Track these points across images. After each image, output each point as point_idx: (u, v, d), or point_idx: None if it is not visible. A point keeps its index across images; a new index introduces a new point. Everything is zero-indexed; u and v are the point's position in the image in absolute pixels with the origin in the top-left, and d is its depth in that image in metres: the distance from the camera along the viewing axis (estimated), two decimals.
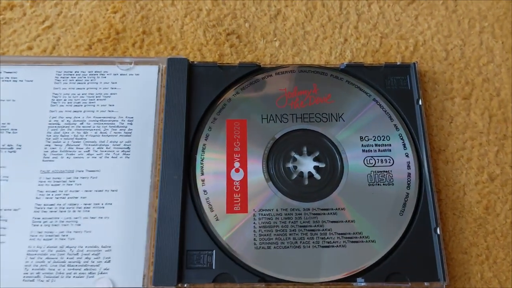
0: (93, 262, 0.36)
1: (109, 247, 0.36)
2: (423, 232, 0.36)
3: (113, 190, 0.37)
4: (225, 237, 0.36)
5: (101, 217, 0.37)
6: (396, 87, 0.41)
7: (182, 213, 0.36)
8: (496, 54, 0.45)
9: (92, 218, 0.37)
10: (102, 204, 0.37)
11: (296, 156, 0.39)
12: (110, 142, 0.39)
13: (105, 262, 0.36)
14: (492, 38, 0.45)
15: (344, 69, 0.42)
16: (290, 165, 0.39)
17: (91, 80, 0.41)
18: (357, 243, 0.36)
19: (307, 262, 0.35)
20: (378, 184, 0.38)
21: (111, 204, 0.37)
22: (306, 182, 0.38)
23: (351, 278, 0.35)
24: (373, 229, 0.36)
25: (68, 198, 0.37)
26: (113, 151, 0.39)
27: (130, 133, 0.39)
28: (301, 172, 0.39)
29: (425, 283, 0.35)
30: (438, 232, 0.36)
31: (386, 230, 0.36)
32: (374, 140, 0.39)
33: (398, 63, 0.42)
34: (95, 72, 0.41)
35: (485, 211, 0.39)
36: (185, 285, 0.35)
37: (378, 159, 0.39)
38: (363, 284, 0.35)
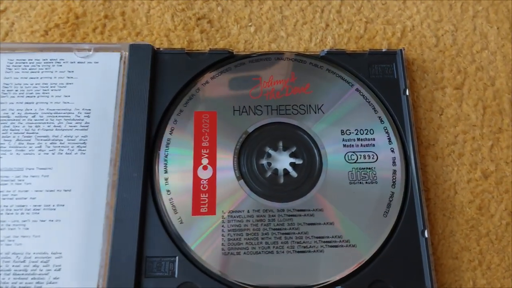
0: (42, 270, 0.32)
1: (60, 253, 0.32)
2: (410, 235, 0.33)
3: (66, 190, 0.34)
4: (189, 242, 0.32)
5: (52, 220, 0.33)
6: (381, 75, 0.38)
7: (141, 215, 0.32)
8: (490, 40, 0.41)
9: (42, 221, 0.33)
10: (54, 205, 0.33)
11: (271, 151, 0.36)
12: (65, 136, 0.35)
13: (55, 270, 0.32)
14: (487, 23, 0.42)
15: (325, 57, 0.38)
16: (264, 161, 0.35)
17: (46, 69, 0.37)
18: (336, 247, 0.33)
19: (281, 269, 0.32)
20: (360, 183, 0.34)
21: (63, 205, 0.33)
22: (282, 180, 0.35)
23: (330, 287, 0.32)
24: (354, 232, 0.33)
25: (16, 199, 0.33)
26: (68, 147, 0.35)
27: (86, 127, 0.36)
28: (276, 169, 0.35)
29: None
30: (426, 235, 0.33)
31: (369, 233, 0.33)
32: (356, 134, 0.36)
33: (383, 50, 0.39)
34: (50, 60, 0.38)
35: (478, 212, 0.35)
36: None
37: (361, 155, 0.35)
38: None
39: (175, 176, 0.34)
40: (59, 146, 0.35)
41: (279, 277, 0.32)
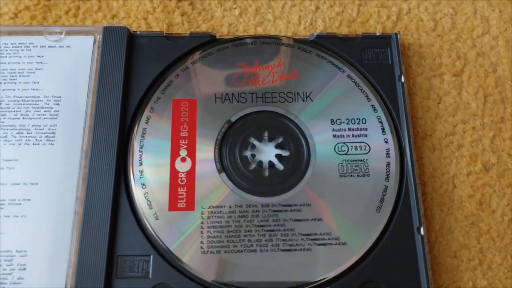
0: (5, 269, 0.29)
1: (25, 251, 0.30)
2: (404, 232, 0.31)
3: (32, 183, 0.31)
4: (165, 240, 0.30)
5: (17, 216, 0.31)
6: (375, 61, 0.35)
7: (113, 210, 0.30)
8: (492, 24, 0.38)
9: (5, 216, 0.31)
10: (19, 200, 0.31)
11: (255, 142, 0.33)
12: (32, 126, 0.33)
13: (19, 269, 0.30)
14: (488, 6, 0.39)
15: (315, 41, 0.36)
16: (247, 153, 0.33)
17: (14, 53, 0.35)
18: (324, 245, 0.30)
19: (265, 268, 0.30)
20: (351, 175, 0.32)
21: (29, 200, 0.31)
22: (267, 173, 0.32)
23: None
24: (344, 229, 0.30)
25: None
26: (35, 137, 0.32)
27: (56, 115, 0.33)
28: (261, 162, 0.33)
29: None
30: (422, 232, 0.30)
31: (360, 230, 0.31)
32: (347, 124, 0.33)
33: (377, 34, 0.36)
34: (19, 44, 0.35)
35: (479, 207, 0.33)
36: None
37: (352, 146, 0.33)
38: None
39: (151, 169, 0.31)
40: (26, 136, 0.32)
41: (263, 277, 0.29)
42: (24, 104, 0.33)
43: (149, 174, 0.31)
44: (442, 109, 0.36)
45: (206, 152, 0.32)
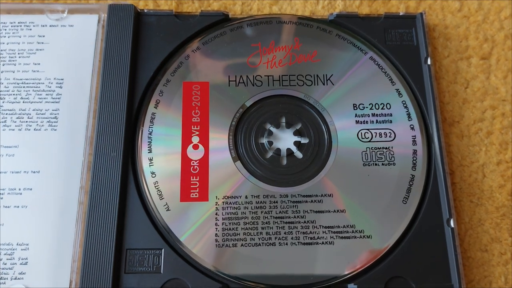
0: (5, 264, 0.28)
1: (27, 244, 0.28)
2: (433, 224, 0.29)
3: (34, 172, 0.29)
4: (177, 233, 0.28)
5: (18, 206, 0.29)
6: (399, 42, 0.33)
7: (120, 201, 0.28)
8: None
9: (6, 207, 0.29)
10: (20, 189, 0.29)
11: (272, 129, 0.31)
12: (33, 110, 0.31)
13: (20, 264, 0.28)
14: None
15: (334, 21, 0.34)
16: (264, 140, 0.31)
17: (13, 33, 0.33)
18: (348, 239, 0.28)
19: (284, 263, 0.28)
20: (376, 164, 0.30)
21: (31, 189, 0.29)
22: (285, 162, 0.30)
23: (341, 284, 0.28)
24: (369, 222, 0.28)
25: None
26: (36, 122, 0.30)
27: (58, 99, 0.31)
28: (278, 149, 0.30)
29: None
30: (452, 224, 0.28)
31: (386, 223, 0.29)
32: (370, 109, 0.31)
33: (401, 13, 0.34)
34: (19, 23, 0.33)
35: (510, 198, 0.31)
36: None
37: (376, 132, 0.30)
38: None
39: (161, 156, 0.29)
40: (26, 121, 0.30)
41: (282, 273, 0.27)
42: (24, 87, 0.31)
43: (159, 162, 0.29)
44: (470, 94, 0.33)
45: (219, 140, 0.30)
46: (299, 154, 0.30)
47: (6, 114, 0.30)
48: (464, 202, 0.31)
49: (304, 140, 0.31)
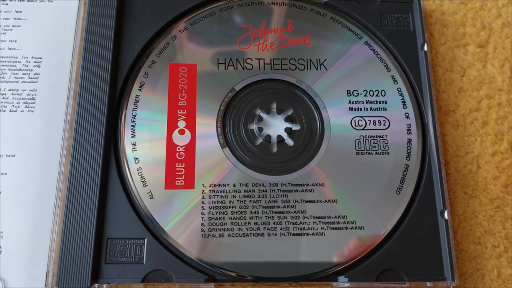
0: None
1: (0, 232, 0.26)
2: (426, 216, 0.28)
3: (9, 155, 0.28)
4: (162, 222, 0.27)
5: None
6: (395, 27, 0.32)
7: (102, 188, 0.27)
8: None
9: None
10: None
11: (262, 114, 0.30)
12: (9, 90, 0.29)
13: None
14: None
15: (328, 3, 0.32)
16: (254, 126, 0.29)
17: None
18: (339, 230, 0.27)
19: (273, 255, 0.27)
20: (369, 153, 0.29)
21: (5, 174, 0.28)
22: (275, 149, 0.29)
23: (331, 277, 0.27)
24: (361, 212, 0.28)
25: None
26: (12, 103, 0.29)
27: (36, 79, 0.29)
28: (268, 136, 0.29)
29: (428, 283, 0.27)
30: (446, 216, 0.28)
31: (378, 214, 0.28)
32: (364, 95, 0.30)
33: None
34: None
35: (504, 190, 0.30)
36: (104, 286, 0.25)
37: (370, 120, 0.29)
38: (346, 284, 0.26)
39: (145, 141, 0.28)
40: (1, 102, 0.29)
41: (270, 264, 0.26)
42: None
43: (143, 148, 0.28)
44: (466, 82, 0.33)
45: (207, 125, 0.29)
46: (290, 141, 0.29)
47: None
48: (458, 194, 0.30)
49: (296, 127, 0.30)
